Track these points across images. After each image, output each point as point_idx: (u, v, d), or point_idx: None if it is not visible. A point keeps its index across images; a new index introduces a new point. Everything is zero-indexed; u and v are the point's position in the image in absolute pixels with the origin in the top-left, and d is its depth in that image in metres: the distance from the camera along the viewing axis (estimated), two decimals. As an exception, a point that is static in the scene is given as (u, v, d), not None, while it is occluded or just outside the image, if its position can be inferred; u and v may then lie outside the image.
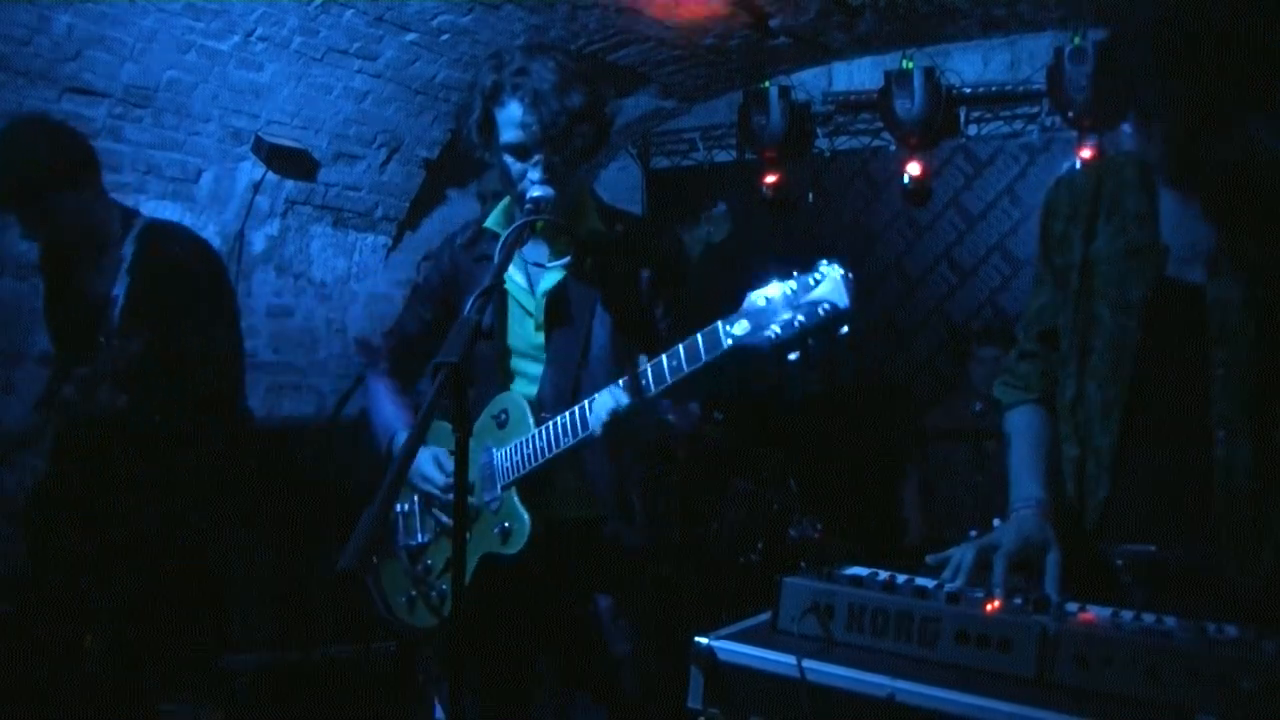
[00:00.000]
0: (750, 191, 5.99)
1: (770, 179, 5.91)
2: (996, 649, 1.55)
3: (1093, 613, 1.63)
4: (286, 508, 3.67)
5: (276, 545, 3.65)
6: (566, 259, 2.25)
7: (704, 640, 1.72)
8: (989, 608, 1.62)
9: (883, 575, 1.81)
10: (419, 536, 2.34)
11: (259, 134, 4.81)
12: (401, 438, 2.39)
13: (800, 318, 1.71)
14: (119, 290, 2.72)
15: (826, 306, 1.71)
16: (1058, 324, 2.00)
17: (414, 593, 2.34)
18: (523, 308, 2.28)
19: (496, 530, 2.16)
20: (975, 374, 4.71)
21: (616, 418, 1.98)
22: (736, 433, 4.75)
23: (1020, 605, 1.65)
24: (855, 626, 1.68)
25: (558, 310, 2.25)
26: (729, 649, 1.70)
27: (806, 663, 1.59)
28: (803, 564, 1.85)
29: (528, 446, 2.14)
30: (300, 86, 4.80)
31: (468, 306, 1.78)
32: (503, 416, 2.22)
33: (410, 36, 4.78)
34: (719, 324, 1.83)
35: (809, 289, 1.73)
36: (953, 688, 1.48)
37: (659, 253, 2.30)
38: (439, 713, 2.52)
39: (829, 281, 1.72)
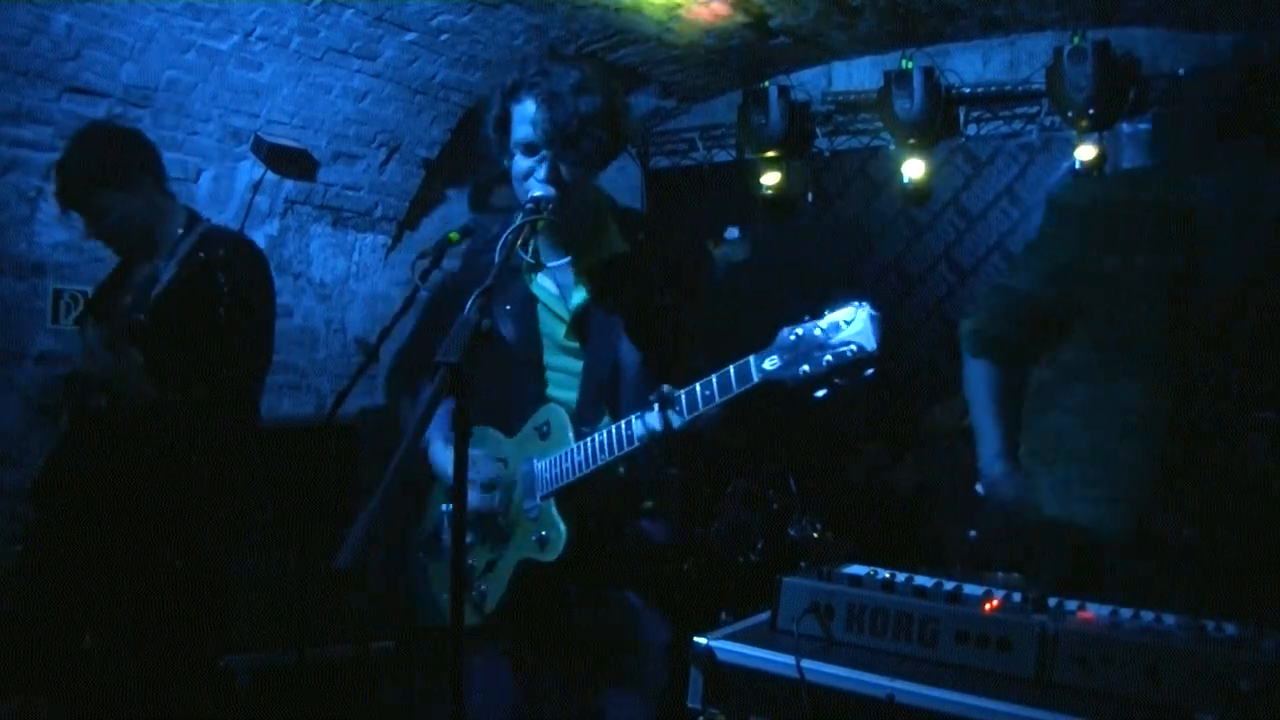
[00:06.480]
0: (750, 191, 5.99)
1: (770, 179, 5.91)
2: (996, 649, 1.55)
3: (1092, 612, 1.63)
4: (285, 507, 3.67)
5: (276, 545, 3.65)
6: (570, 258, 2.27)
7: (703, 640, 1.73)
8: (988, 607, 1.62)
9: (882, 574, 1.81)
10: (466, 538, 2.37)
11: (258, 134, 4.80)
12: (435, 446, 2.43)
13: (829, 357, 1.79)
14: (165, 273, 2.86)
15: (855, 348, 1.77)
16: None
17: None
18: (554, 314, 2.31)
19: (534, 538, 2.21)
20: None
21: (654, 439, 2.04)
22: (737, 433, 4.75)
23: (1020, 604, 1.65)
24: (855, 626, 1.68)
25: (589, 320, 2.29)
26: (728, 649, 1.70)
27: (806, 663, 1.59)
28: (803, 564, 1.85)
29: (567, 460, 2.18)
30: (300, 86, 4.79)
31: (468, 306, 1.78)
32: (545, 428, 2.26)
33: (409, 36, 4.78)
34: (751, 358, 1.89)
35: (839, 329, 1.79)
36: (952, 688, 1.48)
37: (682, 258, 2.34)
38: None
39: (859, 323, 1.78)
